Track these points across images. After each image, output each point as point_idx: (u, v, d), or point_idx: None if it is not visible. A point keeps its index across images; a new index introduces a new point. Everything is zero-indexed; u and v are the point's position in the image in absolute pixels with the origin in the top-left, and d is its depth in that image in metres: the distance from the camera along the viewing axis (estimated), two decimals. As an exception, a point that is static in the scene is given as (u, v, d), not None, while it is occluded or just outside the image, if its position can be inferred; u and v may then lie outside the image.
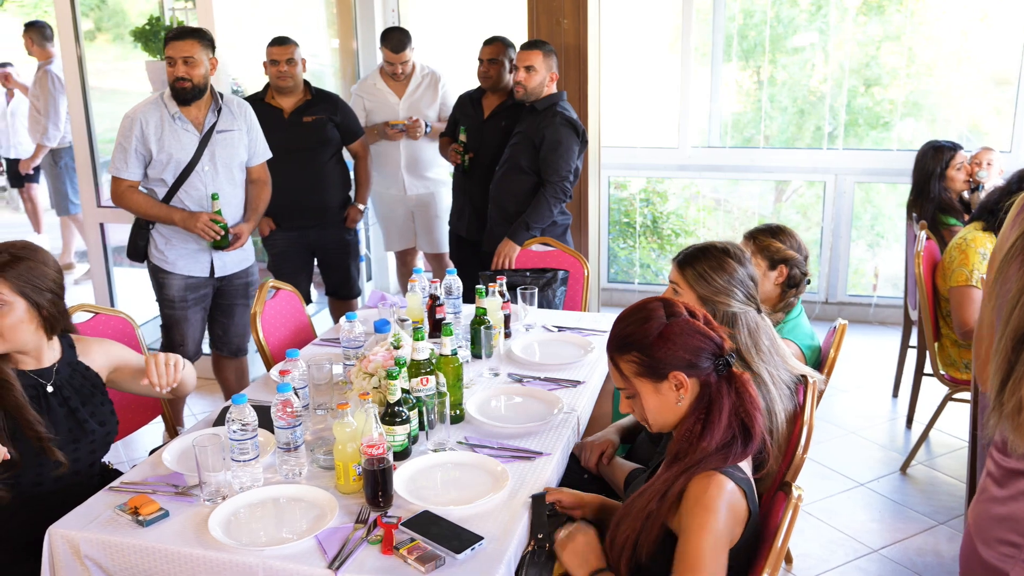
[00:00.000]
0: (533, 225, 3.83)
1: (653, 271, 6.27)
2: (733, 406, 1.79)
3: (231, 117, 3.55)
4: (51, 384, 2.25)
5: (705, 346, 1.80)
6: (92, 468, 2.34)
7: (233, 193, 3.59)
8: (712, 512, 1.69)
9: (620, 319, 1.89)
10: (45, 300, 2.17)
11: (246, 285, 3.80)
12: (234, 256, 3.69)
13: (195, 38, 3.39)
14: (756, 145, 5.85)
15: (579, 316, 3.33)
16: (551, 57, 3.87)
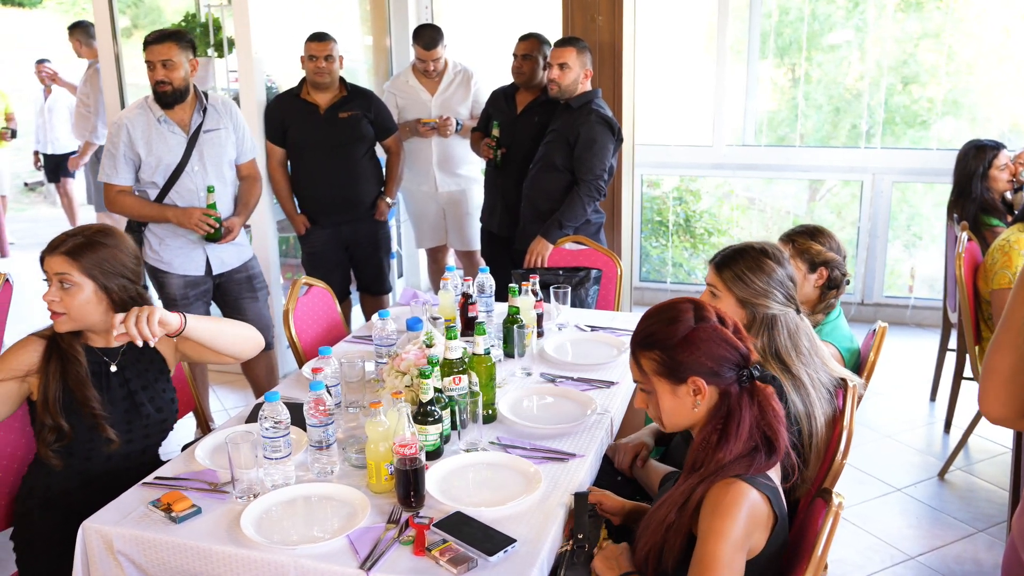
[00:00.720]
0: (566, 223, 3.80)
1: (685, 270, 6.21)
2: (755, 419, 1.75)
3: (216, 116, 3.57)
4: (115, 364, 2.30)
5: (730, 355, 1.76)
6: (144, 455, 2.37)
7: (224, 191, 3.60)
8: (729, 518, 1.66)
9: (648, 315, 1.86)
10: (115, 284, 2.22)
11: (248, 278, 3.79)
12: (230, 252, 3.69)
13: (173, 40, 3.38)
14: (791, 144, 5.78)
15: (612, 315, 3.29)
16: (585, 54, 3.83)
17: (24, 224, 9.71)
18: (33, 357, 2.21)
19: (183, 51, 3.40)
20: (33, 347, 2.23)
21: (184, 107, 3.48)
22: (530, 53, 4.24)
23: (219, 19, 4.67)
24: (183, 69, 3.40)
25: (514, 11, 5.98)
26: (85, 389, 2.20)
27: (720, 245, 6.59)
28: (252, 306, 3.81)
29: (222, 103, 3.63)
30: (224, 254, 3.68)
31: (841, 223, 6.05)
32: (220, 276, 3.73)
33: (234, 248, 3.71)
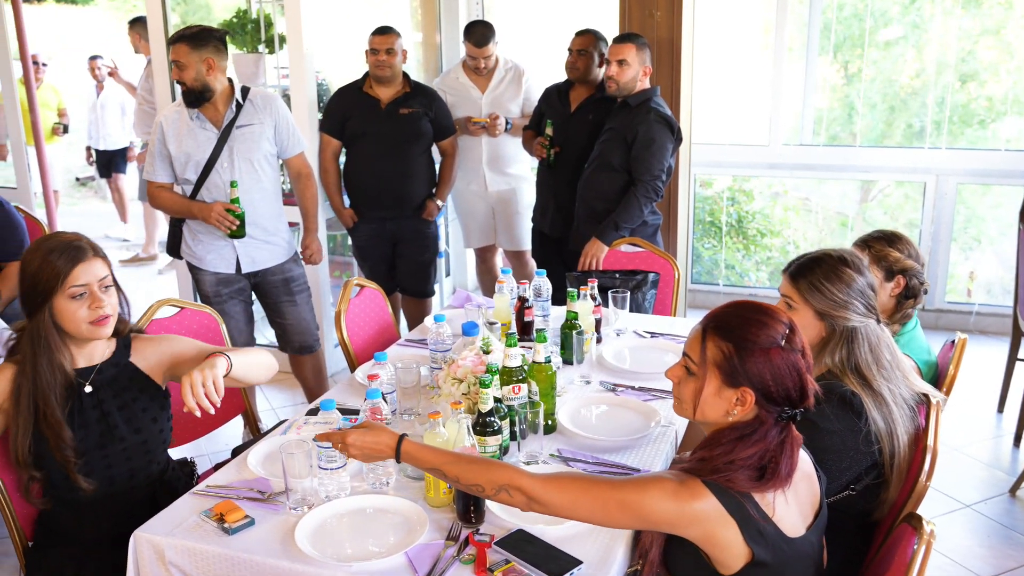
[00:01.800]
0: (623, 225, 3.69)
1: (738, 272, 6.07)
2: (768, 449, 1.63)
3: (252, 111, 3.50)
4: (90, 384, 2.16)
5: (792, 393, 1.64)
6: (132, 479, 2.21)
7: (256, 186, 3.52)
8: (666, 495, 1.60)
9: (740, 305, 1.73)
10: (121, 295, 2.16)
11: (285, 281, 3.68)
12: (262, 251, 3.59)
13: (183, 42, 3.36)
14: (848, 143, 5.60)
15: (671, 321, 3.19)
16: (644, 51, 3.72)
17: (75, 219, 9.83)
18: (2, 387, 2.07)
19: (194, 51, 3.35)
20: (3, 375, 2.08)
21: (216, 103, 3.45)
22: (585, 48, 4.14)
23: (270, 16, 4.63)
24: (195, 69, 3.35)
25: (569, 6, 5.87)
26: (59, 431, 2.05)
27: (773, 247, 6.47)
28: (291, 310, 3.73)
29: (262, 98, 3.56)
30: (256, 252, 3.60)
31: (894, 224, 5.87)
32: (255, 276, 3.65)
33: (267, 247, 3.61)
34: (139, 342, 2.28)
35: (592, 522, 1.66)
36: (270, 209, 3.59)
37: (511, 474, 1.69)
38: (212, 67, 3.37)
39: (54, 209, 7.62)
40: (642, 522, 1.62)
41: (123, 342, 2.24)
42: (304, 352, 3.82)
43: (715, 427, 1.70)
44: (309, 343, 3.82)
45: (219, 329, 2.99)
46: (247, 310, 3.74)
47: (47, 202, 7.61)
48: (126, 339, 2.25)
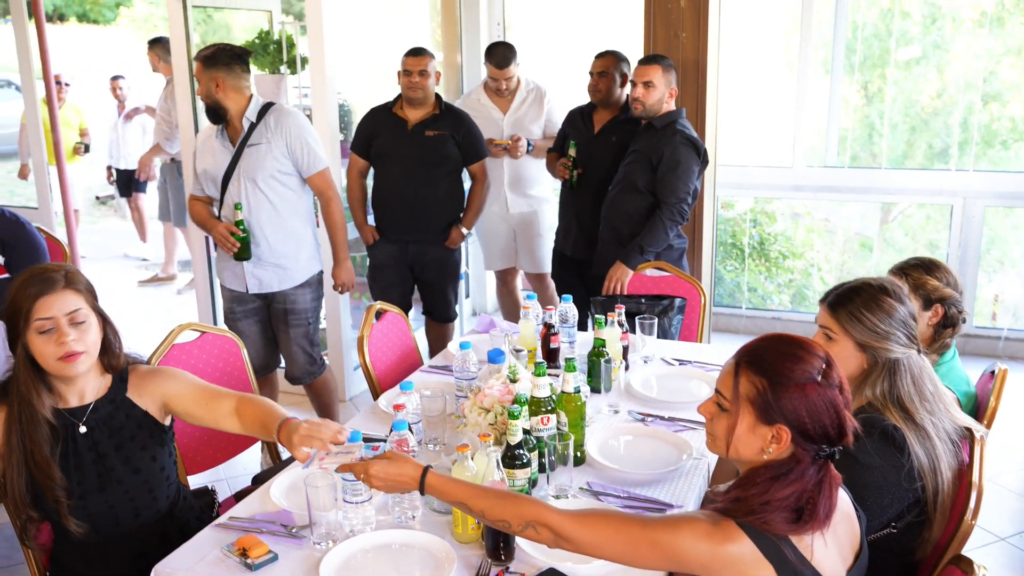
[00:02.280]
0: (648, 248, 3.64)
1: (760, 295, 5.99)
2: (805, 489, 1.56)
3: (264, 130, 3.49)
4: (84, 424, 2.06)
5: (829, 430, 1.58)
6: (137, 518, 2.12)
7: (262, 207, 3.49)
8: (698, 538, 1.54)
9: (774, 339, 1.66)
10: (106, 322, 2.06)
11: (284, 312, 3.63)
12: (270, 274, 3.54)
13: (198, 60, 3.44)
14: (869, 164, 5.54)
15: (699, 348, 3.12)
16: (670, 72, 3.68)
17: (95, 236, 9.87)
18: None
19: (205, 70, 3.42)
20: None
21: (234, 121, 3.49)
22: (606, 70, 4.10)
23: (291, 36, 4.63)
24: (205, 87, 3.43)
25: (592, 27, 5.84)
26: (48, 470, 1.96)
27: (795, 269, 6.39)
28: (284, 340, 3.69)
29: (276, 115, 3.52)
30: (263, 274, 3.54)
31: (915, 246, 5.79)
32: (268, 299, 3.63)
33: (275, 270, 3.56)
34: (136, 376, 2.16)
35: (622, 562, 1.61)
36: (279, 231, 3.53)
37: (538, 509, 1.63)
38: (220, 85, 3.41)
39: (74, 228, 7.66)
40: (674, 563, 1.56)
41: (119, 377, 2.14)
42: (294, 383, 3.79)
43: (750, 465, 1.64)
44: (297, 375, 3.75)
45: (240, 353, 2.96)
46: (263, 331, 3.71)
47: (67, 221, 7.64)
48: (122, 374, 2.14)
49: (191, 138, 4.57)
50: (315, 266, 3.67)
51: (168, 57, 6.01)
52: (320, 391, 3.82)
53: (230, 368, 2.94)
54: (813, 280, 6.03)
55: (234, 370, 2.95)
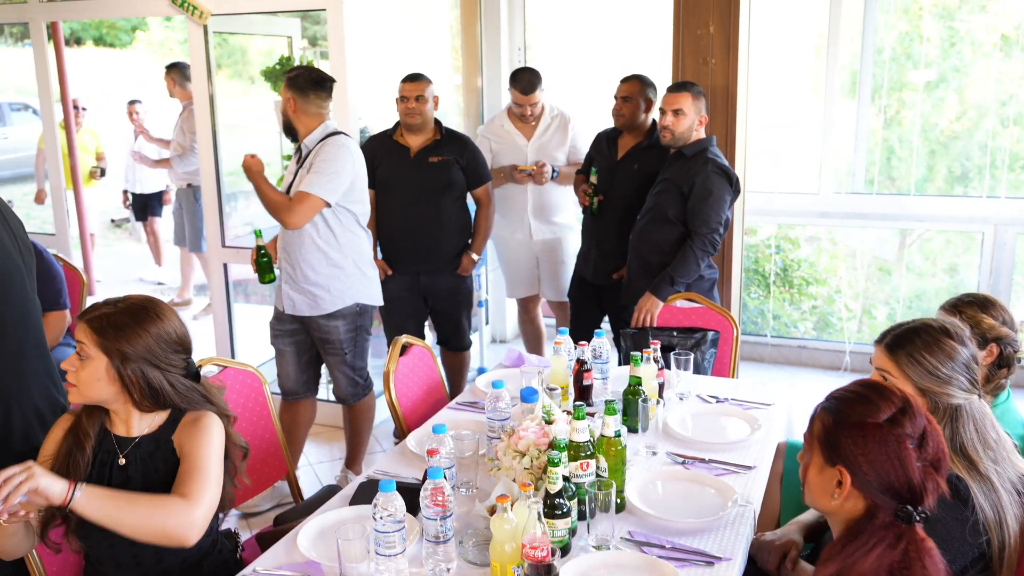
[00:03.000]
0: (678, 280, 3.55)
1: (785, 323, 5.88)
2: (892, 564, 1.47)
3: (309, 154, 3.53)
4: (124, 456, 2.02)
5: (895, 481, 1.50)
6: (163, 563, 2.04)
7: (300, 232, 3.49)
8: None
9: (859, 382, 1.68)
10: (131, 369, 1.96)
11: (320, 340, 3.62)
12: (300, 299, 3.54)
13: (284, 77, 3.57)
14: (895, 190, 5.43)
15: (734, 384, 3.01)
16: (700, 99, 3.60)
17: (110, 260, 9.85)
18: (53, 440, 2.03)
19: (286, 89, 3.51)
20: (59, 427, 2.06)
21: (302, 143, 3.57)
22: (631, 95, 4.03)
23: (312, 62, 4.58)
24: (284, 105, 3.52)
25: (617, 52, 5.76)
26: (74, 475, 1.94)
27: (819, 296, 6.28)
28: (327, 361, 3.70)
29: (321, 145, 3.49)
30: (297, 297, 3.54)
31: (932, 270, 5.68)
32: (303, 322, 3.61)
33: (303, 296, 3.54)
34: (188, 421, 2.07)
35: None
36: (314, 258, 3.50)
37: None
38: (293, 106, 3.47)
39: (90, 252, 7.64)
40: None
41: (173, 417, 2.08)
42: (340, 402, 3.82)
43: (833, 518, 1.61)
44: (340, 395, 3.78)
45: (262, 389, 2.87)
46: (298, 354, 3.69)
47: (84, 246, 7.62)
48: (177, 415, 2.08)
49: (210, 163, 4.52)
50: (351, 297, 3.59)
51: (185, 82, 6.01)
52: (358, 415, 3.81)
53: (252, 403, 2.86)
54: (837, 307, 5.92)
55: (256, 405, 2.87)
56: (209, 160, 4.53)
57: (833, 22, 5.13)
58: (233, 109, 6.39)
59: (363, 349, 3.70)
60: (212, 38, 4.48)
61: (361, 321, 3.65)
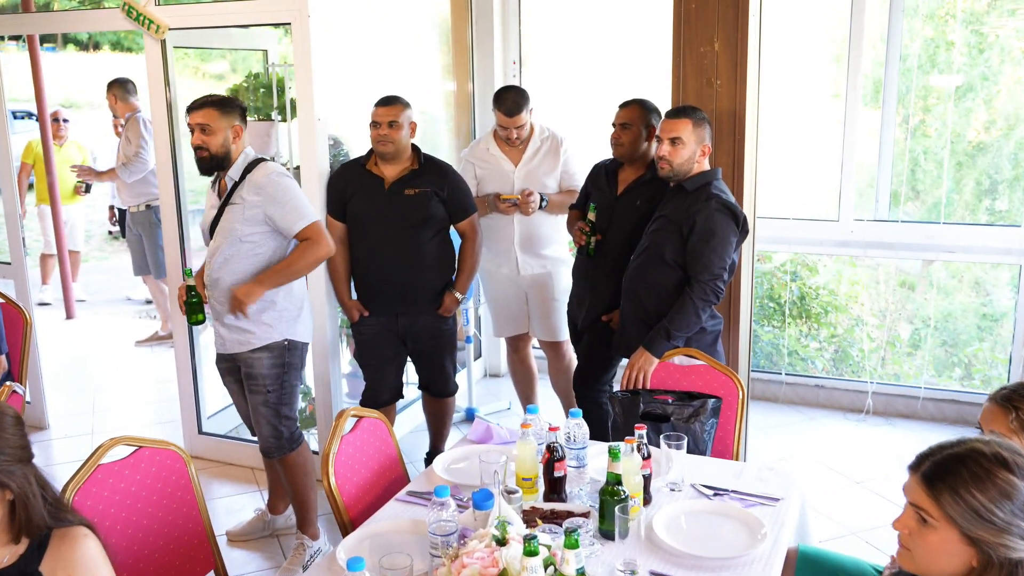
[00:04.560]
0: (675, 333, 3.11)
1: (802, 358, 5.42)
2: None
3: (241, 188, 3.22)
4: None
5: None
6: None
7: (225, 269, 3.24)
8: None
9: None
10: (28, 488, 1.61)
11: (245, 375, 3.35)
12: (230, 334, 3.29)
13: (211, 106, 3.20)
14: (925, 217, 4.98)
15: (737, 470, 2.56)
16: (703, 127, 3.16)
17: (102, 275, 9.54)
18: None
19: (223, 117, 3.19)
20: None
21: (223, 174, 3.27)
22: (630, 122, 3.61)
23: (283, 79, 4.18)
24: (223, 135, 3.19)
25: (619, 72, 5.33)
26: None
27: (838, 323, 5.82)
28: (251, 402, 3.38)
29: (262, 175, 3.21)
30: (227, 335, 3.31)
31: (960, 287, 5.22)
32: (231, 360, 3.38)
33: (236, 333, 3.28)
34: (58, 545, 1.72)
35: None
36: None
37: None
38: (239, 135, 3.21)
39: (68, 275, 7.30)
40: None
41: (36, 543, 1.71)
42: (264, 456, 3.45)
43: None
44: (262, 447, 3.41)
45: (185, 470, 2.47)
46: (241, 390, 3.42)
47: (62, 267, 7.28)
48: (41, 539, 1.72)
49: (169, 182, 4.15)
50: (281, 332, 3.30)
51: (127, 96, 5.99)
52: (288, 471, 3.42)
53: (172, 487, 2.46)
54: (858, 338, 5.47)
55: (177, 489, 2.47)
56: (168, 178, 4.16)
57: (856, 29, 4.67)
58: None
59: (290, 394, 3.36)
60: (172, 52, 4.11)
61: (289, 358, 3.32)
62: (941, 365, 5.22)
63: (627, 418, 2.89)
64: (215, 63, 12.73)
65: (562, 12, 5.52)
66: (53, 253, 7.51)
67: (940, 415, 4.85)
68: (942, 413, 4.85)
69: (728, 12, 3.29)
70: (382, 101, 3.64)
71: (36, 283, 7.90)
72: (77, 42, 22.08)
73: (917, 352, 5.21)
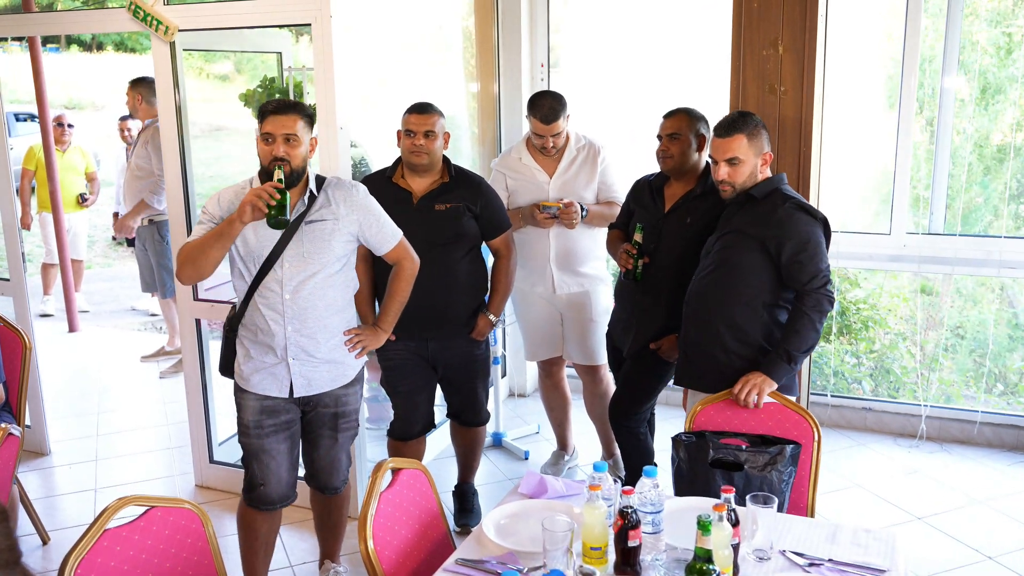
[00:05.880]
0: (797, 355, 2.78)
1: (848, 380, 5.12)
2: None
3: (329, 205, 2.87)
4: None
5: None
6: None
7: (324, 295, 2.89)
8: None
9: None
10: None
11: (334, 416, 2.99)
12: (321, 371, 2.91)
13: (297, 113, 2.76)
14: (984, 231, 4.68)
15: (831, 532, 2.23)
16: (759, 135, 2.84)
17: (106, 284, 9.27)
18: None
19: (307, 128, 2.79)
20: None
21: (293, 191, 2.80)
22: (678, 131, 3.31)
23: (301, 84, 3.90)
24: (304, 148, 2.77)
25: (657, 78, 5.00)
26: None
27: (877, 339, 5.51)
28: (324, 443, 3.03)
29: (351, 189, 2.91)
30: (313, 373, 2.89)
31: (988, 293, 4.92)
32: (307, 403, 2.95)
33: (327, 366, 2.91)
34: None
35: None
36: (340, 320, 2.95)
37: None
38: (313, 147, 2.83)
39: (71, 284, 7.01)
40: None
41: None
42: (329, 492, 3.12)
43: None
44: (335, 484, 3.11)
45: (202, 531, 2.19)
46: (291, 450, 3.00)
47: (64, 278, 6.99)
48: None
49: (179, 193, 3.87)
50: (361, 359, 3.07)
51: (153, 100, 5.09)
52: (343, 503, 3.21)
53: (188, 550, 2.17)
54: (900, 354, 5.17)
55: (194, 553, 2.19)
56: (178, 190, 3.88)
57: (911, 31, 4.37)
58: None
59: None
60: (181, 55, 3.83)
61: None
62: (970, 376, 4.94)
63: (694, 465, 2.59)
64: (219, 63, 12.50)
65: (597, 10, 5.21)
66: (55, 263, 7.22)
67: (998, 441, 4.55)
68: (1000, 439, 4.55)
69: (795, 12, 2.99)
70: (417, 108, 3.35)
71: (38, 293, 7.63)
72: (80, 43, 21.86)
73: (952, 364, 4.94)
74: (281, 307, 2.79)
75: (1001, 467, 4.31)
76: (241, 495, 3.03)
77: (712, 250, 2.99)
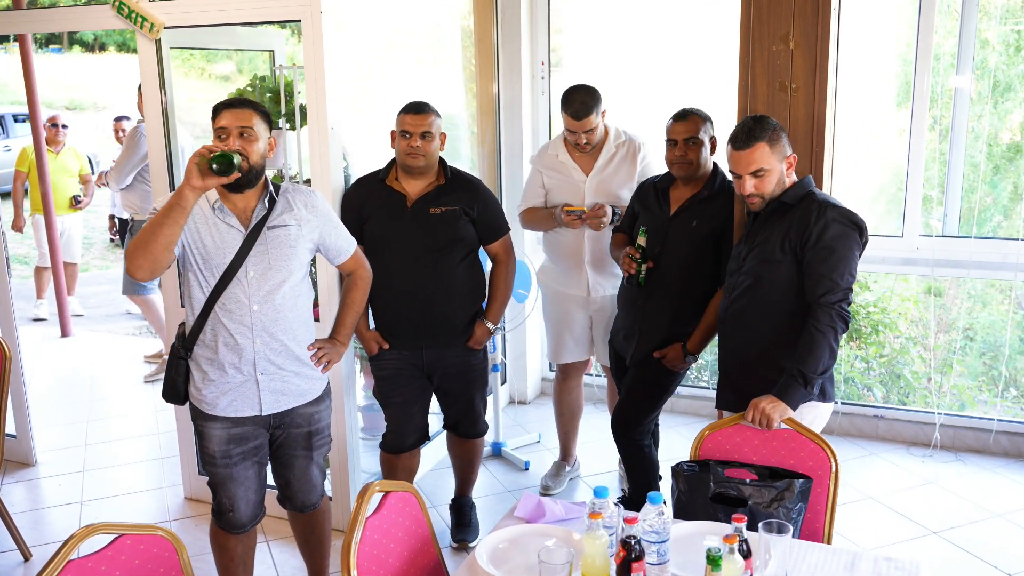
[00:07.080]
0: (813, 376, 2.56)
1: (859, 387, 4.97)
2: None
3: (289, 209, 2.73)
4: None
5: None
6: None
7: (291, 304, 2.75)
8: None
9: None
10: None
11: (308, 435, 2.83)
12: (292, 383, 2.75)
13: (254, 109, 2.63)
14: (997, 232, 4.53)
15: (849, 560, 2.09)
16: (779, 139, 2.68)
17: (101, 287, 9.15)
18: None
19: (266, 126, 2.64)
20: None
21: (248, 194, 2.64)
22: (694, 135, 3.17)
23: (292, 83, 3.74)
24: (263, 147, 2.62)
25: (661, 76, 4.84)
26: None
27: (887, 343, 5.35)
28: (299, 464, 2.87)
29: (308, 193, 2.78)
30: (283, 386, 2.72)
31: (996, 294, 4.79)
32: (277, 425, 2.78)
33: (297, 380, 2.74)
34: None
35: None
36: (306, 332, 2.80)
37: None
38: (272, 145, 2.66)
39: (64, 288, 6.88)
40: None
41: None
42: (307, 510, 2.96)
43: None
44: (313, 501, 2.96)
45: (176, 560, 2.05)
46: (259, 473, 2.83)
47: (56, 283, 6.86)
48: None
49: (165, 189, 3.74)
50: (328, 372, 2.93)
51: None
52: (324, 518, 3.04)
53: (161, 581, 2.03)
54: (911, 359, 5.03)
55: (167, 584, 2.04)
56: (164, 191, 3.76)
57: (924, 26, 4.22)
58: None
59: None
60: (168, 54, 3.69)
61: None
62: (983, 378, 4.79)
63: (694, 498, 2.43)
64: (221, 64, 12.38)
65: (600, 10, 5.07)
66: (48, 266, 7.09)
67: (1015, 450, 4.40)
68: (1017, 448, 4.40)
69: (806, 5, 2.84)
70: (413, 108, 3.21)
71: (31, 297, 7.51)
72: (83, 43, 21.78)
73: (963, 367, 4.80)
74: (249, 320, 2.62)
75: (1019, 478, 4.16)
76: (212, 516, 2.89)
77: (744, 265, 2.78)
